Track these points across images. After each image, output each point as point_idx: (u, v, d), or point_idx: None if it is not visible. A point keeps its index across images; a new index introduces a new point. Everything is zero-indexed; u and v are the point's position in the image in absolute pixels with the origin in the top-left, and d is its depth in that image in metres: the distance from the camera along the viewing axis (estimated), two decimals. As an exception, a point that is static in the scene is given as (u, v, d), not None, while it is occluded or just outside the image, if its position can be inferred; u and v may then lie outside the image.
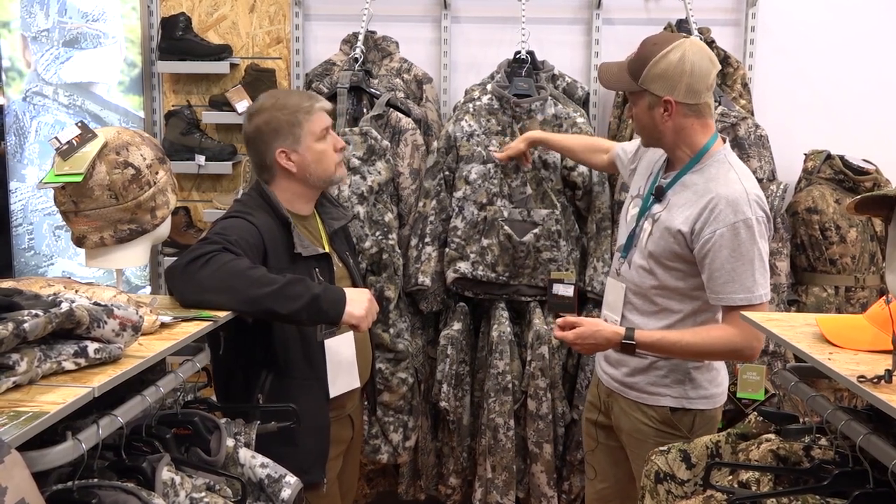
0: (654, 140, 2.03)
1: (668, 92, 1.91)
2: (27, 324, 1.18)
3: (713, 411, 2.08)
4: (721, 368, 2.13)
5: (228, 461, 1.61)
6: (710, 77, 1.94)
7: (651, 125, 1.98)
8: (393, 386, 2.84)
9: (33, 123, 3.32)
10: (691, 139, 1.97)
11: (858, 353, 1.48)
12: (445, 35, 3.23)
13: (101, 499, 1.28)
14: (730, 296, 1.90)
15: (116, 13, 3.27)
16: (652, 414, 2.06)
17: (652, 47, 1.93)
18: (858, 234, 2.92)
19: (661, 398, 2.05)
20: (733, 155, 2.03)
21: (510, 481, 2.87)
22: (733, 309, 1.89)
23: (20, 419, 1.11)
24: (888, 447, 1.28)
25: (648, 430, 2.05)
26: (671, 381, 2.04)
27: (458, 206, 2.86)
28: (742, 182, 1.93)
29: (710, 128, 1.99)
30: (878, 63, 3.20)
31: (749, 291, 1.89)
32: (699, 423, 2.05)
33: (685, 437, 1.97)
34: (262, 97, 2.11)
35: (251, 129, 2.04)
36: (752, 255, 1.88)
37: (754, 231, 1.88)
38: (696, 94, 1.92)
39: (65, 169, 1.78)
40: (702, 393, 2.05)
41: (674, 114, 1.93)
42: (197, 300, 1.77)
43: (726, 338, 1.93)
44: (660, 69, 1.91)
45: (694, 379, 2.04)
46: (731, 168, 1.96)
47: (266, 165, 2.04)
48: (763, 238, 1.91)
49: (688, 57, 1.90)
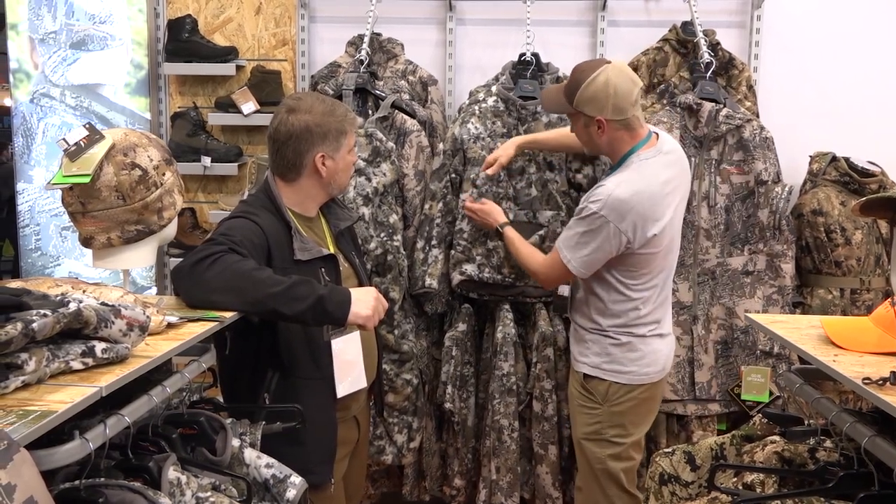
0: (593, 150, 2.43)
1: (598, 112, 2.23)
2: (36, 323, 1.19)
3: (632, 387, 2.34)
4: (652, 352, 2.34)
5: (234, 461, 1.62)
6: (633, 95, 2.22)
7: (588, 139, 2.32)
8: (398, 387, 2.84)
9: (41, 125, 3.34)
10: (620, 148, 2.29)
11: (863, 356, 1.48)
12: (450, 37, 3.24)
13: (108, 497, 1.29)
14: (557, 241, 2.37)
15: (123, 15, 3.29)
16: (576, 377, 2.43)
17: (580, 73, 2.24)
18: (864, 236, 2.91)
19: (580, 365, 2.40)
20: (648, 161, 2.26)
21: (515, 482, 2.87)
22: (554, 252, 2.36)
23: (28, 418, 1.11)
24: (893, 449, 1.28)
25: (575, 392, 2.43)
26: (590, 353, 2.37)
27: (463, 208, 2.86)
28: (617, 185, 2.22)
29: (639, 136, 2.28)
30: (883, 64, 3.19)
31: (563, 246, 2.31)
32: (613, 394, 2.34)
33: (598, 404, 2.35)
34: (305, 96, 2.09)
35: (298, 125, 1.99)
36: (577, 230, 2.26)
37: (584, 218, 2.24)
38: (622, 110, 2.22)
39: (72, 170, 1.79)
40: (617, 367, 2.33)
41: (606, 129, 2.25)
42: (203, 301, 1.77)
43: (538, 261, 2.45)
44: (589, 93, 2.21)
45: (610, 353, 2.34)
46: (626, 172, 2.25)
47: (298, 164, 2.01)
48: (592, 228, 2.21)
49: (611, 80, 2.19)
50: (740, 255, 2.88)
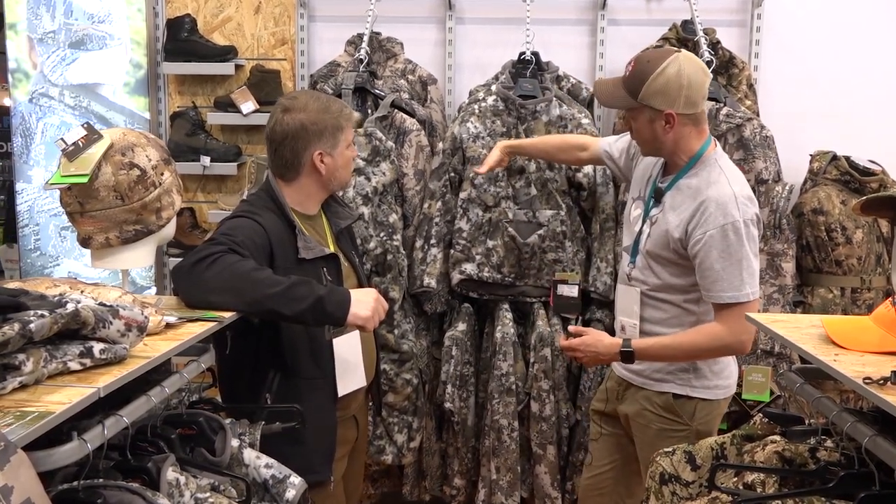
0: (654, 150, 2.14)
1: (668, 106, 2.01)
2: (33, 324, 1.18)
3: (716, 402, 2.16)
4: (730, 363, 2.18)
5: (233, 461, 1.61)
6: (705, 87, 2.05)
7: (652, 137, 2.08)
8: (397, 387, 2.84)
9: (39, 125, 3.33)
10: (688, 146, 2.08)
11: (864, 355, 1.47)
12: (450, 36, 3.23)
13: (107, 499, 1.28)
14: (718, 294, 2.00)
15: (122, 15, 3.28)
16: (656, 400, 2.15)
17: (647, 64, 2.03)
18: (864, 235, 2.91)
19: (664, 384, 2.15)
20: (724, 158, 2.12)
21: (514, 482, 2.87)
22: (723, 307, 2.01)
23: (26, 419, 1.11)
24: (894, 449, 1.28)
25: (651, 416, 2.16)
26: (675, 370, 2.13)
27: (462, 207, 2.86)
28: (731, 185, 2.02)
29: (705, 133, 2.10)
30: (884, 63, 3.19)
31: (737, 290, 1.98)
32: (700, 412, 2.13)
33: (685, 425, 2.11)
34: (300, 95, 2.09)
35: (294, 124, 1.99)
36: (739, 256, 1.98)
37: (741, 233, 1.98)
38: (694, 104, 2.03)
39: (71, 170, 1.79)
40: (705, 383, 2.13)
41: (675, 125, 2.03)
42: (202, 301, 1.77)
43: (714, 334, 2.03)
44: (659, 85, 2.00)
45: (698, 369, 2.12)
46: (721, 171, 2.05)
47: (296, 162, 2.01)
48: (751, 239, 2.00)
49: (684, 71, 2.00)
50: (741, 255, 2.87)
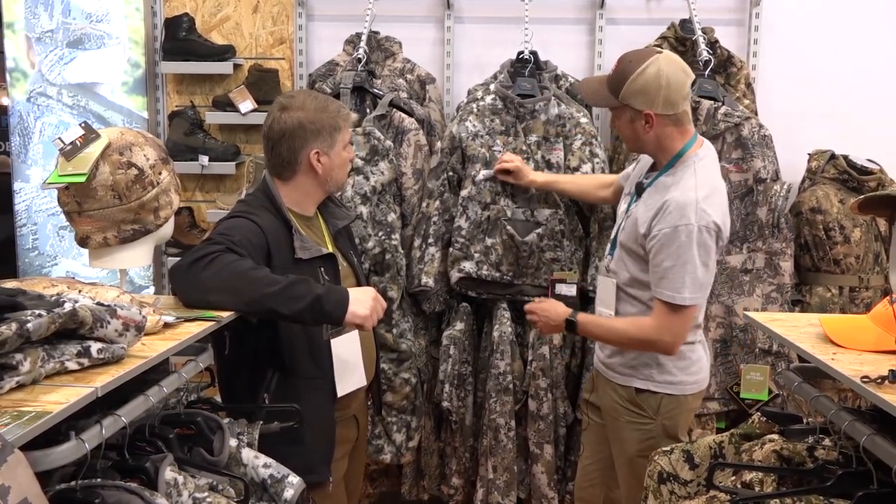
0: (637, 147, 2.19)
1: (647, 106, 2.04)
2: (31, 324, 1.18)
3: (683, 398, 2.18)
4: (698, 359, 2.21)
5: (231, 461, 1.61)
6: (686, 88, 2.06)
7: (633, 136, 2.12)
8: (396, 386, 2.84)
9: (37, 124, 3.33)
10: (670, 145, 2.10)
11: (862, 354, 1.48)
12: (448, 35, 3.23)
13: (105, 498, 1.28)
14: (660, 290, 2.04)
15: (120, 14, 3.28)
16: (622, 393, 2.21)
17: (628, 64, 2.06)
18: (862, 234, 2.91)
19: (629, 379, 2.19)
20: (706, 160, 2.12)
21: (511, 482, 2.87)
22: (660, 304, 2.05)
23: (23, 419, 1.11)
24: (892, 448, 1.28)
25: (620, 409, 2.21)
26: (638, 364, 2.17)
27: (462, 205, 2.85)
28: (696, 190, 2.03)
29: (688, 133, 2.12)
30: (882, 62, 3.19)
31: (676, 291, 2.02)
32: (665, 407, 2.16)
33: (650, 419, 2.15)
34: (298, 94, 2.10)
35: (291, 123, 1.99)
36: (685, 259, 2.00)
37: (693, 237, 1.99)
38: (674, 105, 2.05)
39: (68, 169, 1.79)
40: (668, 378, 2.16)
41: (654, 125, 2.06)
42: (200, 300, 1.77)
43: (643, 328, 2.09)
44: (638, 85, 2.03)
45: (662, 364, 2.15)
46: (694, 174, 2.06)
47: (293, 161, 2.01)
48: (702, 246, 2.00)
49: (664, 71, 2.02)
50: (739, 254, 2.88)
